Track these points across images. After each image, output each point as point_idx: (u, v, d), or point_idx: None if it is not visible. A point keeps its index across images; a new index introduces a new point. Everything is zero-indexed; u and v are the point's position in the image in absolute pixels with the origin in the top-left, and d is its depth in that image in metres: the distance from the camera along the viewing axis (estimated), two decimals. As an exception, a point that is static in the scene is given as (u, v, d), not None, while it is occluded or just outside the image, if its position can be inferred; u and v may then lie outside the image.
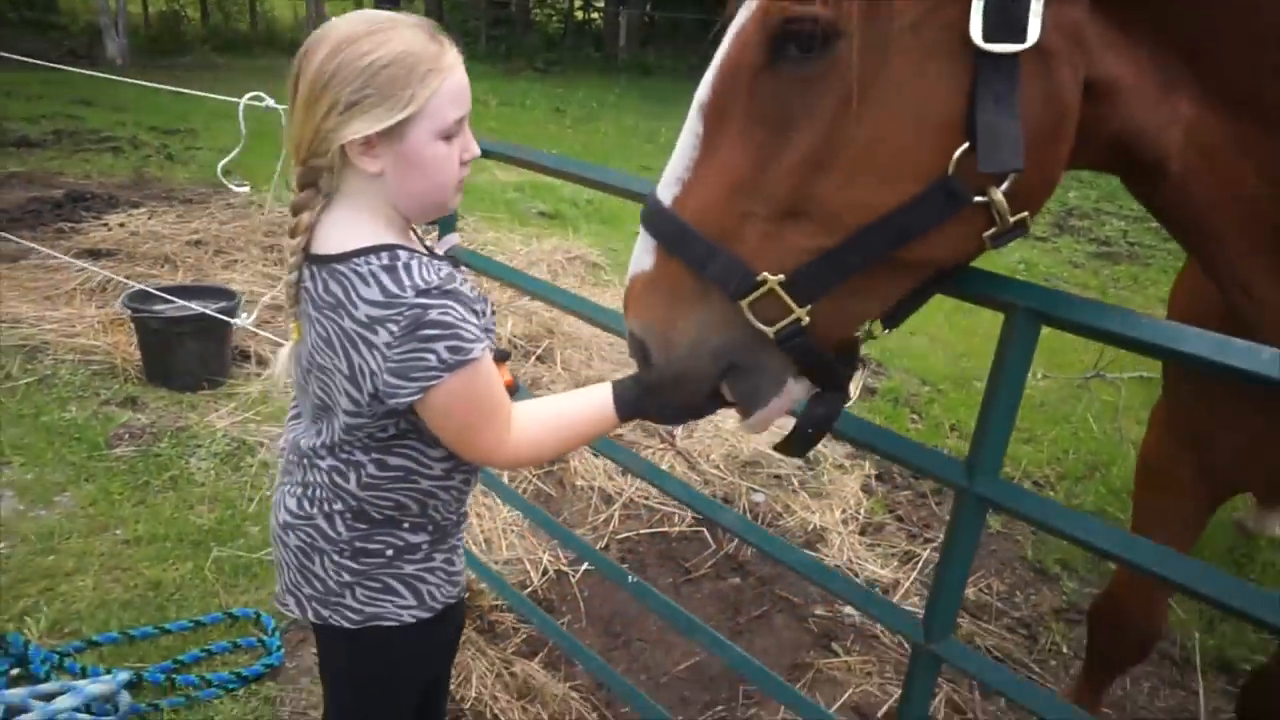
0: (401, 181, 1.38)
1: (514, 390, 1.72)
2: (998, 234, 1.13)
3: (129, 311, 4.33)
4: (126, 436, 3.82)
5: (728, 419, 4.52)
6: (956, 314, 6.31)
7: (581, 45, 23.76)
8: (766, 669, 2.06)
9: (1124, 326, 1.21)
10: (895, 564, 3.54)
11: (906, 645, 3.10)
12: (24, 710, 2.33)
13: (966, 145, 1.04)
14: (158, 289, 4.56)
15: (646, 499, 3.84)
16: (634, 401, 1.43)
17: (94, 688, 2.35)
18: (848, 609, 3.29)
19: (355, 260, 1.35)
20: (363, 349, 1.34)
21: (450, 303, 1.34)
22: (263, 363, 4.67)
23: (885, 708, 2.82)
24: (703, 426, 4.40)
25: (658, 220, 1.20)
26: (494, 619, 2.98)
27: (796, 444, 1.36)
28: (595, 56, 22.34)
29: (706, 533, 3.67)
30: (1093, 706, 2.45)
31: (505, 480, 3.33)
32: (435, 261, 1.40)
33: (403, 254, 1.36)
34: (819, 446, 4.31)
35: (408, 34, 1.33)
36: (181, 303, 4.34)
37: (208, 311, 4.27)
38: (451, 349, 1.33)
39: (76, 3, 22.88)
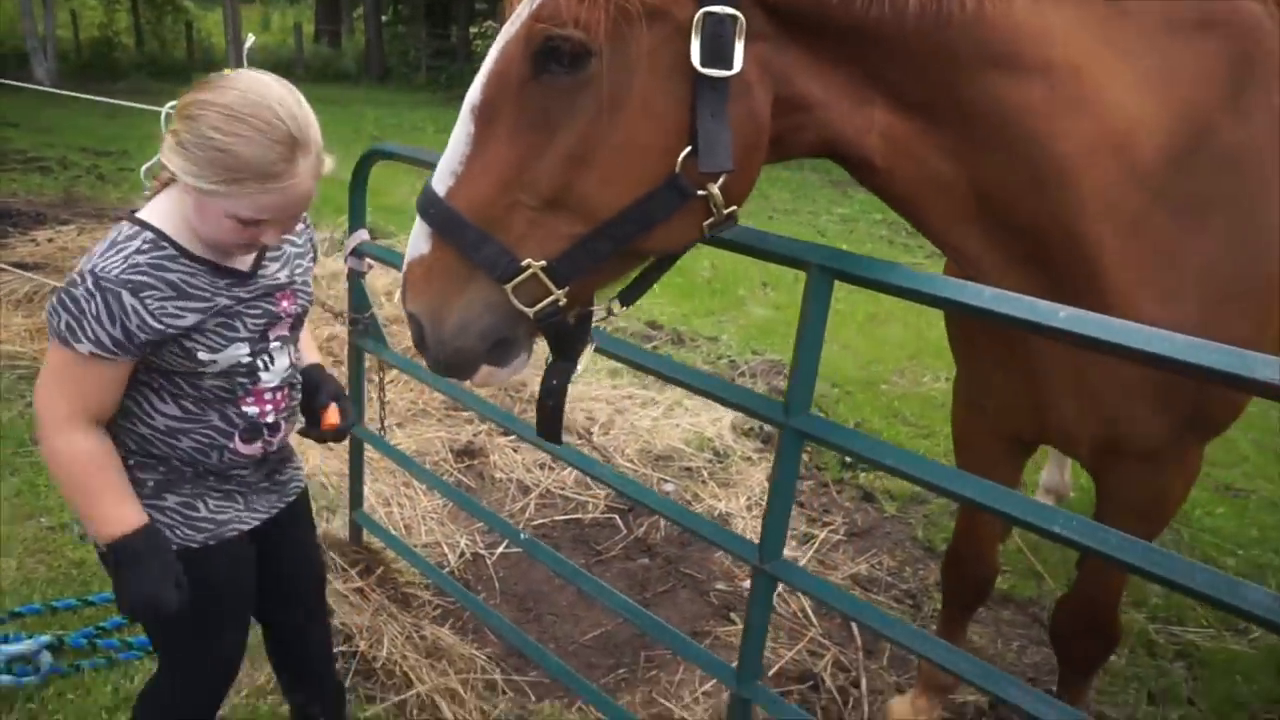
0: (192, 213, 1.59)
1: (340, 430, 1.92)
2: (714, 224, 1.39)
3: (56, 315, 4.40)
4: (52, 433, 3.90)
5: (644, 418, 4.76)
6: (869, 325, 6.65)
7: (520, 76, 24.07)
8: (664, 622, 2.28)
9: (894, 277, 1.50)
10: (794, 544, 3.78)
11: (801, 615, 3.35)
12: (-55, 674, 2.43)
13: (689, 149, 1.29)
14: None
15: (562, 489, 4.04)
16: (124, 552, 1.60)
17: (13, 648, 2.46)
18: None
19: (124, 222, 1.61)
20: None
21: (98, 295, 1.50)
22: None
23: (775, 668, 3.05)
24: (618, 424, 4.62)
25: (433, 209, 1.33)
26: (409, 592, 3.14)
27: (546, 422, 1.56)
28: (533, 87, 22.64)
29: (619, 519, 3.88)
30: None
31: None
32: (153, 264, 1.57)
33: (144, 234, 1.58)
34: (728, 441, 4.57)
35: (264, 145, 1.49)
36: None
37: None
38: (68, 327, 1.52)
39: (1, 26, 22.41)
